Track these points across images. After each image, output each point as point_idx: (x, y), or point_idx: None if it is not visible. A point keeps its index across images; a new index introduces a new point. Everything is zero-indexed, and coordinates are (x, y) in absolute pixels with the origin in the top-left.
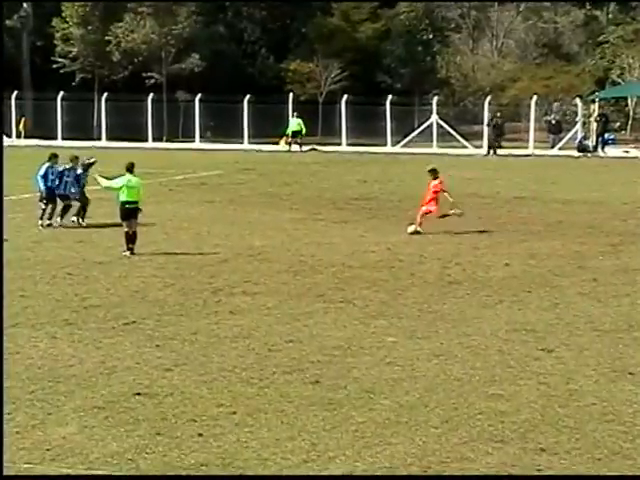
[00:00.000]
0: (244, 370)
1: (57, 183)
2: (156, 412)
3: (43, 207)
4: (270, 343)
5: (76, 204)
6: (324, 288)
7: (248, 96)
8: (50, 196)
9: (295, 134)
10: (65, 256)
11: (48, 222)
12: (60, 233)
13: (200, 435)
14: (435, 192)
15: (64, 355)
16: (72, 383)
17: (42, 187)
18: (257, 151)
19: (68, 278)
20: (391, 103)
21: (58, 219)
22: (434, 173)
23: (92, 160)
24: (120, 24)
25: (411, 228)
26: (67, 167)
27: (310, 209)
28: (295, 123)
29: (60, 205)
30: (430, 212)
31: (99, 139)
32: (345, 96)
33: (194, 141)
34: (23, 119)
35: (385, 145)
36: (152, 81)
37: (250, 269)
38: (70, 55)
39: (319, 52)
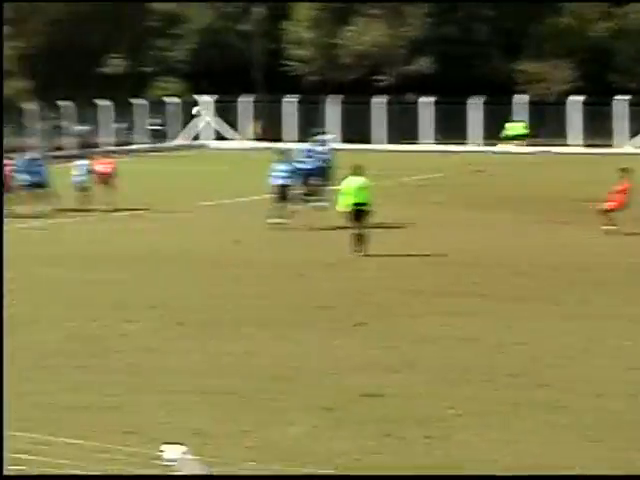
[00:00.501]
0: (471, 372)
1: (296, 173)
2: (383, 413)
3: (274, 205)
4: (498, 345)
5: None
6: (554, 291)
7: (480, 98)
8: (281, 194)
9: (520, 137)
10: (294, 257)
11: (279, 221)
12: (289, 234)
13: (427, 437)
14: (622, 191)
15: (291, 355)
16: (298, 383)
17: (277, 183)
18: (491, 153)
19: (297, 278)
20: (629, 104)
21: (297, 207)
22: (626, 172)
23: (329, 136)
24: (350, 27)
25: (605, 228)
26: (307, 150)
27: (538, 211)
28: (519, 126)
29: (298, 195)
30: (612, 209)
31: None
32: (573, 97)
33: (423, 143)
34: (259, 122)
35: (617, 146)
36: (381, 83)
37: (475, 271)
38: (301, 58)
39: (549, 52)
